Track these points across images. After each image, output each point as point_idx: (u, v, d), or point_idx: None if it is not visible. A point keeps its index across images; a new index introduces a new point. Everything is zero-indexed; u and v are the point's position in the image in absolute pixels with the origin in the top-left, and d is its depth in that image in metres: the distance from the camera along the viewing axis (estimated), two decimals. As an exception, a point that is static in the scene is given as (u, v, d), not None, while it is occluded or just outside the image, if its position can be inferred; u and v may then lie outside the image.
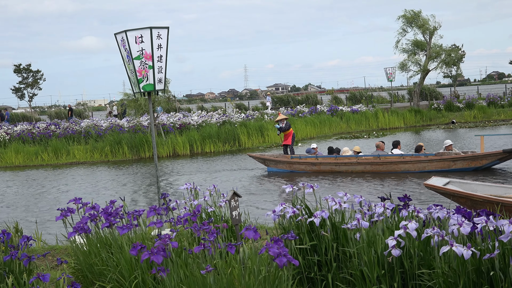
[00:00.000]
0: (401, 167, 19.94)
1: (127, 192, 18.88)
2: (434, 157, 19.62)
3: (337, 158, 21.18)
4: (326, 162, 21.19)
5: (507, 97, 47.51)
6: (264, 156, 23.17)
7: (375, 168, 20.22)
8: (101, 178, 23.08)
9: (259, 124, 34.64)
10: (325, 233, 6.28)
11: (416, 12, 46.58)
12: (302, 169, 21.56)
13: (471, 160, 19.27)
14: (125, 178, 22.75)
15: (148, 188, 19.88)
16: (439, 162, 19.49)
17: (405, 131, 38.04)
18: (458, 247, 4.95)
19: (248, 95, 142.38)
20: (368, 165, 20.32)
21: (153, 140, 10.89)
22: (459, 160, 19.31)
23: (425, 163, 19.61)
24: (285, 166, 21.95)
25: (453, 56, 48.56)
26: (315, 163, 21.34)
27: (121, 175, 23.89)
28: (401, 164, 19.92)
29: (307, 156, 21.84)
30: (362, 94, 58.83)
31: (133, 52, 10.07)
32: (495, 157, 19.21)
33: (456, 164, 19.36)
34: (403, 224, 5.56)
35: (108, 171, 25.60)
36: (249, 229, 5.60)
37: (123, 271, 6.53)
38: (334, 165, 20.96)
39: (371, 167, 20.26)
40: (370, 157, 20.60)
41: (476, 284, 5.09)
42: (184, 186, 8.92)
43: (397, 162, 19.97)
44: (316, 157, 21.60)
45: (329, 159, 21.36)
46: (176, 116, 37.92)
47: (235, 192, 6.52)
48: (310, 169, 21.41)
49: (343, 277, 6.24)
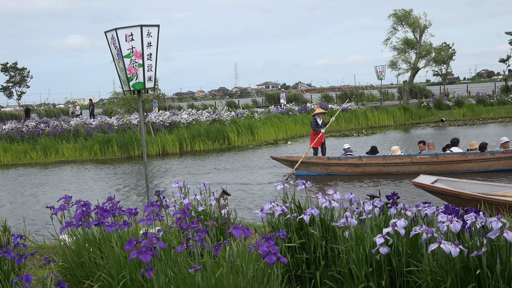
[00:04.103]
0: (463, 166, 18.41)
1: (116, 191, 18.84)
2: (502, 155, 18.22)
3: (385, 158, 19.59)
4: (372, 163, 19.48)
5: (496, 95, 47.72)
6: (292, 157, 21.02)
7: (432, 168, 18.40)
8: (90, 177, 23.01)
9: (249, 122, 34.63)
10: (314, 231, 6.29)
11: (407, 10, 46.74)
12: (342, 171, 19.72)
13: None
14: (114, 177, 22.69)
15: (137, 186, 19.84)
16: (508, 160, 18.14)
17: (394, 129, 38.14)
18: (446, 244, 4.97)
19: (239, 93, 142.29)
20: (424, 165, 18.65)
21: (143, 138, 10.87)
22: None
23: (492, 162, 18.24)
24: (320, 169, 20.09)
25: (443, 54, 48.78)
26: (359, 164, 19.57)
27: (110, 173, 23.82)
28: (463, 163, 18.43)
29: (348, 157, 20.20)
30: (352, 92, 58.90)
31: (123, 50, 10.06)
32: None
33: None
34: (392, 222, 5.58)
35: (97, 169, 25.52)
36: (237, 228, 5.59)
37: (111, 270, 6.52)
38: (382, 166, 19.24)
39: (428, 167, 18.45)
40: (426, 156, 19.14)
41: (464, 281, 5.11)
42: (174, 185, 8.90)
43: (458, 161, 18.52)
44: (359, 158, 19.99)
45: (376, 159, 19.64)
46: (165, 114, 37.87)
47: (224, 190, 6.52)
48: (352, 171, 19.59)
49: (331, 275, 6.25)
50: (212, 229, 6.81)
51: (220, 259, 5.83)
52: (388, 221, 6.00)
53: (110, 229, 6.82)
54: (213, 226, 7.06)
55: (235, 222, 8.48)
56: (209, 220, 8.00)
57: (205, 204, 8.53)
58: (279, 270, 5.45)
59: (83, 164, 27.81)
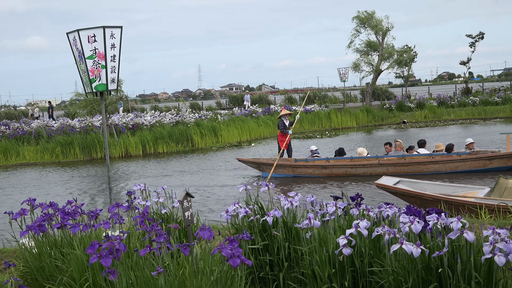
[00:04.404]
0: (430, 167, 18.52)
1: (78, 193, 18.65)
2: (469, 156, 18.35)
3: (353, 160, 19.49)
4: (339, 165, 19.43)
5: (457, 97, 48.39)
6: (259, 160, 20.98)
7: (400, 169, 18.52)
8: (52, 180, 22.74)
9: (213, 124, 34.58)
10: (277, 233, 6.30)
11: (370, 13, 47.11)
12: (309, 173, 19.67)
13: (509, 158, 18.08)
14: (76, 179, 22.46)
15: (99, 189, 19.67)
16: (474, 161, 18.25)
17: (357, 131, 38.41)
18: (408, 245, 5.02)
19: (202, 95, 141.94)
20: (391, 166, 18.72)
21: (105, 140, 10.79)
22: (495, 159, 18.11)
23: (458, 163, 18.35)
24: (287, 171, 19.94)
25: (405, 56, 49.26)
26: (326, 166, 19.52)
27: (73, 176, 23.57)
28: (430, 164, 18.51)
29: (315, 159, 20.17)
30: (315, 94, 59.19)
31: (85, 52, 9.96)
32: None
33: (492, 163, 18.14)
34: (355, 223, 5.62)
35: (59, 172, 25.23)
36: (204, 229, 5.59)
37: (74, 273, 6.45)
38: (349, 167, 19.25)
39: (395, 169, 18.56)
40: (394, 157, 19.15)
41: (425, 281, 5.16)
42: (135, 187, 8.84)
43: (425, 162, 18.55)
44: (327, 159, 19.94)
45: (343, 161, 19.60)
46: (129, 116, 37.62)
47: (188, 192, 6.49)
48: (319, 173, 19.52)
49: (295, 276, 6.27)
50: (175, 232, 6.78)
51: (184, 261, 5.81)
52: (351, 222, 6.04)
53: (74, 230, 6.74)
54: (176, 228, 7.04)
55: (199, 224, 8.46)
56: (172, 222, 7.96)
57: (168, 207, 8.49)
58: (243, 272, 5.45)
59: (45, 167, 27.46)
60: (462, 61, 54.30)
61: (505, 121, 38.29)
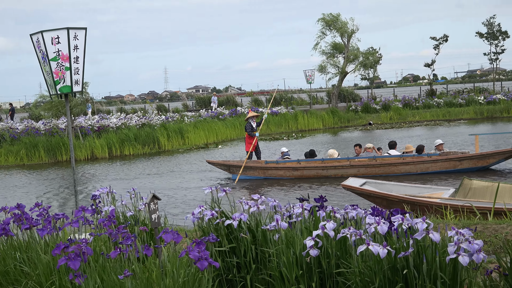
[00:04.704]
0: (401, 169, 18.64)
1: (43, 196, 18.44)
2: (439, 157, 18.52)
3: (324, 161, 19.50)
4: (311, 167, 19.39)
5: (422, 99, 48.92)
6: (229, 162, 20.74)
7: (371, 171, 18.69)
8: (16, 183, 22.46)
9: (179, 126, 34.48)
10: (244, 235, 6.30)
11: (335, 15, 47.38)
12: (280, 175, 19.56)
13: (478, 159, 18.33)
14: (41, 182, 22.21)
15: (65, 192, 19.48)
16: (444, 162, 18.42)
17: (324, 133, 38.61)
18: (374, 246, 5.05)
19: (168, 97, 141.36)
20: (363, 167, 18.84)
21: (71, 143, 10.69)
22: (465, 160, 18.32)
23: (429, 164, 18.50)
24: (257, 173, 19.83)
25: (370, 58, 49.63)
26: (297, 167, 19.47)
27: (38, 179, 23.31)
28: (401, 165, 18.64)
29: (286, 161, 20.05)
30: (282, 96, 59.28)
31: (49, 53, 9.87)
32: (502, 155, 18.39)
33: (463, 164, 18.33)
34: (322, 224, 5.63)
35: (24, 175, 24.93)
36: (167, 232, 5.55)
37: (40, 277, 6.38)
38: (321, 169, 19.24)
39: (366, 170, 18.72)
40: (365, 159, 19.20)
41: (392, 281, 5.20)
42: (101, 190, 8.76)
43: (396, 163, 18.68)
44: (298, 161, 19.93)
45: (314, 162, 19.64)
46: (94, 118, 37.33)
47: (155, 195, 6.46)
48: (290, 175, 19.49)
49: (262, 278, 6.27)
50: (141, 234, 6.74)
51: (151, 264, 5.78)
52: (317, 224, 6.05)
53: (42, 233, 6.67)
54: (143, 231, 7.00)
55: (166, 226, 8.41)
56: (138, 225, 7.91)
57: (135, 209, 8.42)
58: (210, 274, 5.43)
59: (9, 170, 27.10)
60: (426, 63, 54.94)
61: (469, 123, 38.81)
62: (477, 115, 41.98)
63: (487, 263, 6.42)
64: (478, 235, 8.02)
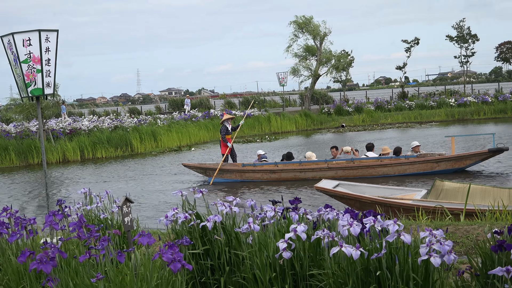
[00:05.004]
0: (379, 171, 18.73)
1: (13, 200, 18.25)
2: (416, 159, 18.59)
3: (302, 164, 19.46)
4: (288, 169, 19.37)
5: (394, 101, 49.25)
6: (205, 165, 20.41)
7: (349, 173, 18.72)
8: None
9: (152, 129, 34.35)
10: (218, 237, 6.29)
11: (308, 18, 47.55)
12: (257, 177, 19.53)
13: (456, 160, 18.45)
14: (12, 186, 21.98)
15: (37, 195, 19.29)
16: (422, 164, 18.52)
17: (297, 135, 38.70)
18: (347, 247, 5.07)
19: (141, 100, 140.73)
20: (340, 170, 18.82)
21: (42, 146, 10.60)
22: (443, 161, 18.44)
23: (406, 166, 18.56)
24: (235, 176, 19.79)
25: (343, 61, 49.88)
26: (275, 170, 19.42)
27: (8, 182, 23.06)
28: (379, 167, 18.72)
29: (263, 163, 19.90)
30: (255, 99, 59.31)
31: (20, 56, 9.78)
32: (479, 157, 18.55)
33: (440, 166, 18.46)
34: (293, 227, 5.64)
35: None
36: (143, 235, 5.53)
37: (10, 282, 6.31)
38: (298, 171, 19.20)
39: (344, 172, 18.72)
40: (343, 161, 19.22)
41: (365, 283, 5.22)
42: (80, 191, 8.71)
43: (374, 165, 18.77)
44: (275, 164, 19.79)
45: (292, 165, 19.55)
46: (66, 121, 37.03)
47: (127, 197, 6.43)
48: (268, 177, 19.45)
49: (236, 280, 6.27)
50: (114, 237, 6.69)
51: (124, 267, 5.75)
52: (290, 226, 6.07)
53: (11, 239, 6.59)
54: (116, 234, 6.96)
55: (139, 229, 8.37)
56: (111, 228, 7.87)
57: (107, 212, 8.38)
58: (184, 277, 5.42)
59: (-21, 173, 26.80)
60: (398, 66, 55.28)
61: (441, 125, 39.15)
62: (448, 117, 42.36)
63: (459, 264, 6.49)
64: (450, 236, 8.09)
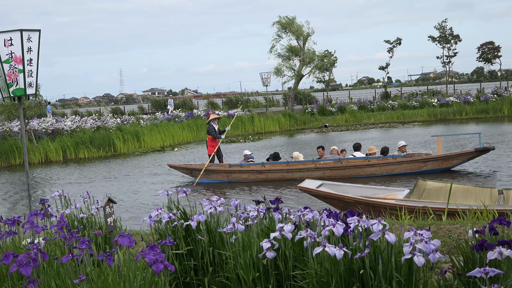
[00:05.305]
0: (366, 171, 18.76)
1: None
2: (404, 159, 18.61)
3: (289, 164, 19.38)
4: (275, 169, 19.29)
5: (377, 101, 49.43)
6: (191, 165, 20.32)
7: (336, 173, 18.67)
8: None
9: (135, 129, 34.24)
10: (201, 237, 6.27)
11: (291, 18, 47.58)
12: (244, 178, 19.43)
13: (443, 160, 18.51)
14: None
15: (18, 196, 19.16)
16: (409, 164, 18.56)
17: (280, 135, 38.73)
18: (330, 247, 5.07)
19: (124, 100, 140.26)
20: (328, 170, 18.76)
21: (24, 146, 10.53)
22: (430, 161, 18.50)
23: (394, 166, 18.61)
24: (221, 176, 19.66)
25: (326, 61, 49.95)
26: (262, 170, 19.34)
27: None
28: (367, 167, 18.75)
29: (250, 164, 19.79)
30: (238, 99, 59.29)
31: (2, 56, 9.72)
32: (466, 156, 18.58)
33: (427, 165, 18.53)
34: (279, 226, 5.64)
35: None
36: (123, 236, 5.50)
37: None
38: (286, 172, 19.11)
39: (331, 173, 18.67)
40: (330, 161, 19.13)
41: (348, 282, 5.23)
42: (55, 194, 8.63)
43: (361, 165, 18.76)
44: (262, 164, 19.68)
45: (279, 165, 19.45)
46: (48, 121, 36.82)
47: (110, 198, 6.40)
48: (255, 178, 19.37)
49: (220, 280, 6.26)
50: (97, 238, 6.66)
51: (107, 268, 5.72)
52: (273, 226, 6.07)
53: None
54: (98, 235, 6.92)
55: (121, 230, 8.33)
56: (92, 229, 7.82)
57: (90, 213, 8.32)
58: (167, 277, 5.40)
59: (-40, 174, 26.57)
60: (381, 66, 55.51)
61: (423, 125, 39.35)
62: (430, 117, 42.58)
63: (442, 263, 6.52)
64: (433, 235, 8.11)
